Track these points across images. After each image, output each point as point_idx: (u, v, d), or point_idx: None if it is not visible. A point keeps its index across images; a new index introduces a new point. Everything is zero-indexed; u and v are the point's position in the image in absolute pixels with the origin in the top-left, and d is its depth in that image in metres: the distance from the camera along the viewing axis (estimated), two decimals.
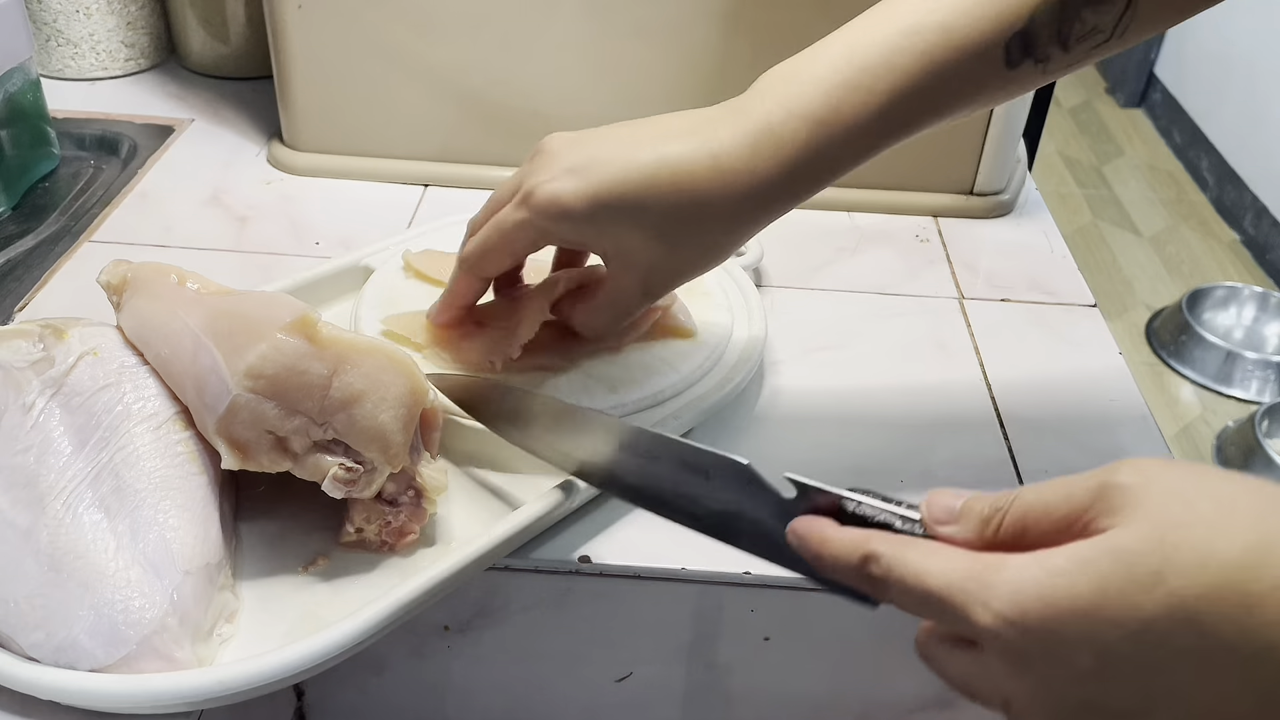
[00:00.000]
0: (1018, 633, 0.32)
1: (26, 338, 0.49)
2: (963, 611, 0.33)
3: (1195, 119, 2.76)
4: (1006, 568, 0.32)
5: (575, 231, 0.49)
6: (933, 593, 0.34)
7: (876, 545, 0.36)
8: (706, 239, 0.50)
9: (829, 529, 0.38)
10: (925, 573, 0.34)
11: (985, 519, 0.35)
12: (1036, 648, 0.32)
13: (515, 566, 0.52)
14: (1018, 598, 0.32)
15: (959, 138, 0.79)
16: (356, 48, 0.77)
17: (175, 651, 0.42)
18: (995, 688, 0.34)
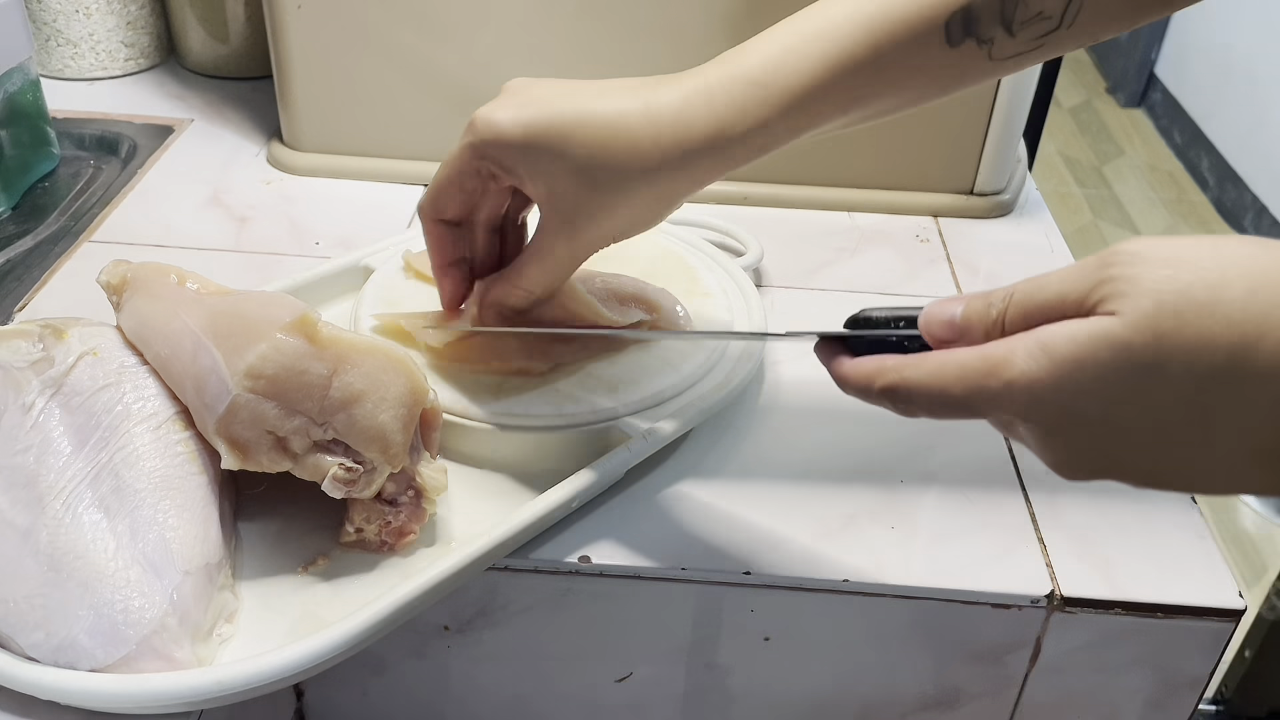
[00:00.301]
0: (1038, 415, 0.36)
1: (26, 338, 0.49)
2: (989, 403, 0.37)
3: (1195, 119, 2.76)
4: (1013, 362, 0.36)
5: (508, 158, 0.49)
6: (956, 399, 0.37)
7: (890, 376, 0.39)
8: (631, 187, 0.49)
9: (845, 365, 0.42)
10: (945, 386, 0.38)
11: (986, 325, 0.38)
12: (1058, 426, 0.36)
13: (515, 566, 0.52)
14: (1032, 389, 0.35)
15: (959, 138, 0.79)
16: (356, 48, 0.77)
17: (175, 651, 0.42)
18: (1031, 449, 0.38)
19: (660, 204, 0.50)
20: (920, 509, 0.56)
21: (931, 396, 0.38)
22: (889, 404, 0.40)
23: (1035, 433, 0.37)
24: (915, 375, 0.39)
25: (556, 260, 0.52)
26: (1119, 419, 0.35)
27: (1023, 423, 0.37)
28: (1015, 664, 0.54)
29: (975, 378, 0.37)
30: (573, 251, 0.51)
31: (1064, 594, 0.52)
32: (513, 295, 0.53)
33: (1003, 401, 0.36)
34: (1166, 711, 0.56)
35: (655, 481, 0.56)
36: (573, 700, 0.58)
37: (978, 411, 0.38)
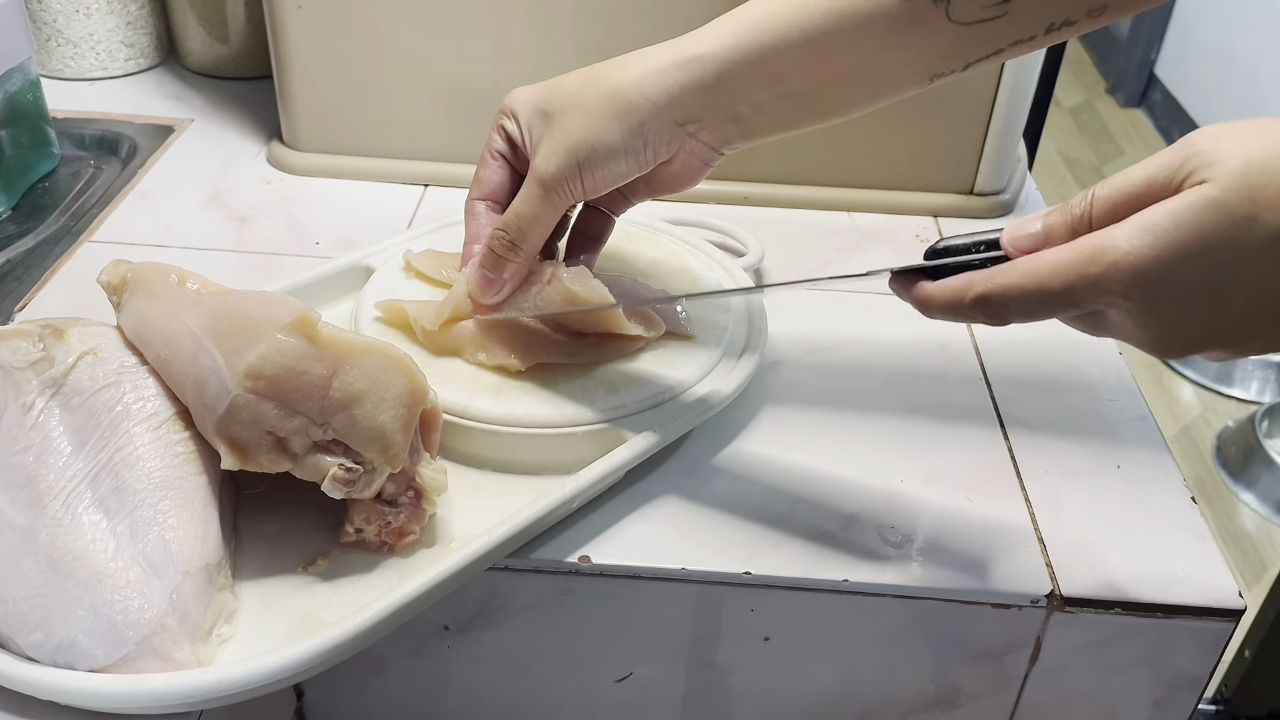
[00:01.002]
0: (1143, 290, 0.37)
1: (26, 337, 0.49)
2: (1092, 290, 0.38)
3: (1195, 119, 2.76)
4: (1117, 243, 0.37)
5: (519, 107, 0.54)
6: (1056, 292, 0.39)
7: (982, 286, 0.41)
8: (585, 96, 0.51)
9: (928, 288, 0.43)
10: (1043, 280, 0.39)
11: (1072, 224, 0.40)
12: (1159, 296, 0.38)
13: (515, 566, 0.52)
14: (1137, 264, 0.37)
15: (959, 138, 0.79)
16: (356, 48, 0.77)
17: (174, 652, 0.42)
18: (1127, 335, 0.40)
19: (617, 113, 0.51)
20: (920, 509, 0.56)
21: (1028, 295, 0.40)
22: (982, 315, 0.41)
23: (1136, 311, 0.38)
24: (1008, 279, 0.40)
25: (528, 194, 0.53)
26: (1221, 281, 0.37)
27: (1124, 303, 0.38)
28: (1015, 664, 0.54)
29: (1075, 267, 0.38)
30: (543, 179, 0.52)
31: (1064, 594, 0.52)
32: (494, 238, 0.55)
33: (1107, 284, 0.38)
34: (1166, 711, 0.56)
35: (655, 481, 0.56)
36: (573, 700, 0.58)
37: (1078, 301, 0.39)
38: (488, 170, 0.57)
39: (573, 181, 0.52)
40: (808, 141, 0.80)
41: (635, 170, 0.52)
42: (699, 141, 0.51)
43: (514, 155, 0.56)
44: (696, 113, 0.50)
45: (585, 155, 0.51)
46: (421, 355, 0.57)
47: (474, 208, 0.57)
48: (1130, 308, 0.38)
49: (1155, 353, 0.40)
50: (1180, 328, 0.39)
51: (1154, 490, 0.58)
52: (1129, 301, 0.38)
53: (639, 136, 0.50)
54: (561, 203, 0.53)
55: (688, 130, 0.51)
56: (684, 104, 0.50)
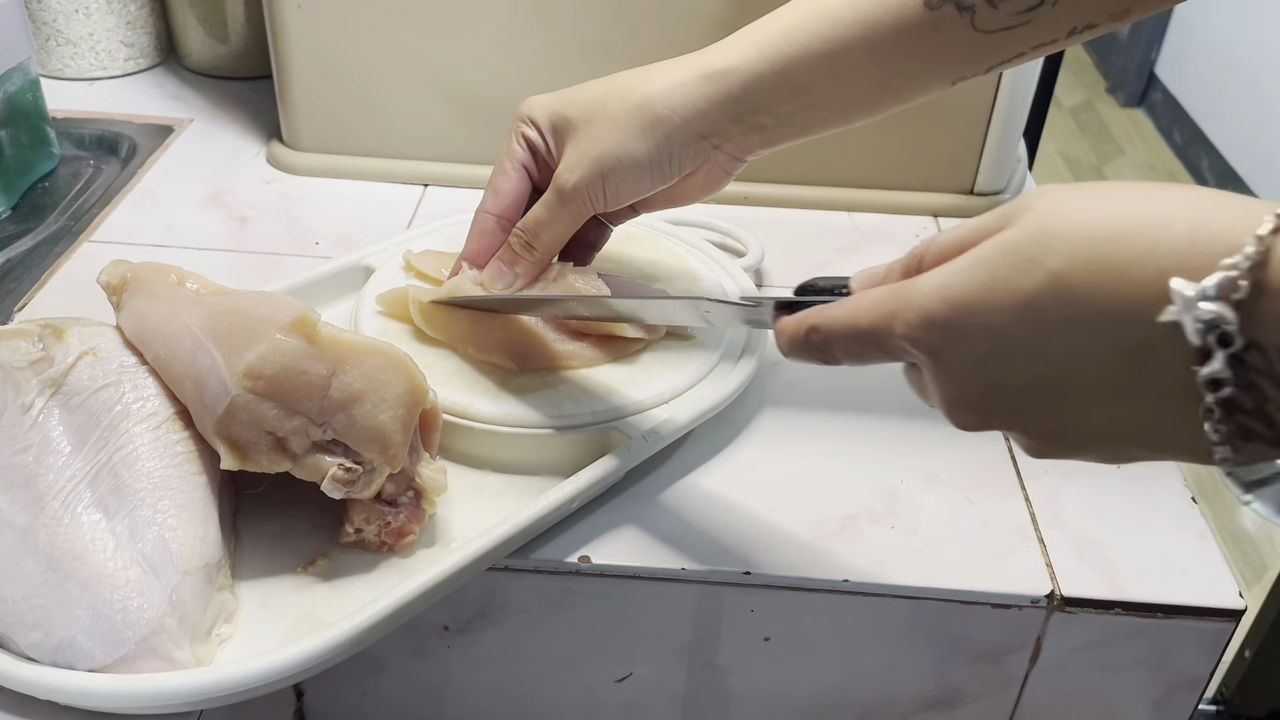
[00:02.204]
0: (927, 334, 0.35)
1: (26, 337, 0.49)
2: (887, 332, 0.36)
3: (1196, 119, 2.76)
4: (917, 283, 0.36)
5: (538, 114, 0.54)
6: (863, 330, 0.37)
7: (814, 318, 0.40)
8: (610, 105, 0.51)
9: (780, 321, 0.42)
10: (854, 316, 0.38)
11: (906, 266, 0.38)
12: (942, 344, 0.35)
13: (515, 566, 0.52)
14: (925, 304, 0.35)
15: (959, 138, 0.79)
16: (356, 48, 0.77)
17: (174, 651, 0.42)
18: (930, 395, 0.38)
19: (644, 126, 0.51)
20: (920, 509, 0.56)
21: (845, 332, 0.38)
22: (814, 350, 0.40)
23: (928, 363, 0.36)
24: (833, 313, 0.39)
25: (549, 202, 0.53)
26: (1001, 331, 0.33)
27: (917, 352, 0.36)
28: (1015, 664, 0.54)
29: (878, 305, 0.37)
30: (564, 189, 0.52)
31: (1064, 594, 0.52)
32: (513, 235, 0.55)
33: (898, 325, 0.36)
34: (1166, 711, 0.56)
35: (655, 482, 0.56)
36: (573, 700, 0.58)
37: (882, 341, 0.37)
38: (506, 181, 0.56)
39: (594, 193, 0.52)
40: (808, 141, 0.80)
41: (659, 183, 0.52)
42: (722, 153, 0.52)
43: (535, 163, 0.56)
44: (722, 126, 0.50)
45: (610, 167, 0.51)
46: (422, 354, 0.57)
47: (484, 222, 0.57)
48: (921, 358, 0.36)
49: (951, 418, 0.37)
50: (968, 385, 0.35)
51: (1154, 490, 0.58)
52: (917, 349, 0.36)
53: (665, 150, 0.51)
54: (581, 213, 0.53)
55: (712, 143, 0.51)
56: (709, 117, 0.50)
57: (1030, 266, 0.32)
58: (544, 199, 0.54)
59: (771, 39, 0.49)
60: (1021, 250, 0.33)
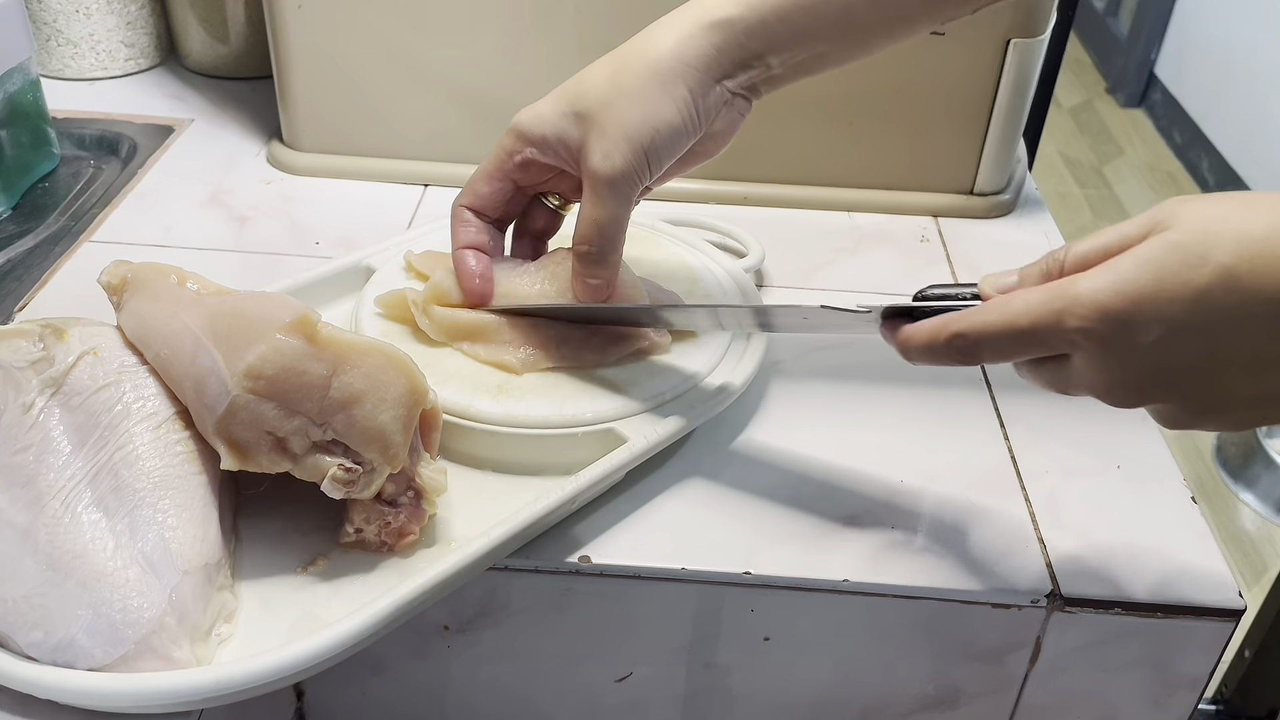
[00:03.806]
0: (1102, 324, 0.38)
1: (26, 337, 0.49)
2: (1055, 326, 0.39)
3: (1195, 119, 2.76)
4: (1081, 281, 0.39)
5: (545, 126, 0.53)
6: (1023, 329, 0.40)
7: (957, 324, 0.42)
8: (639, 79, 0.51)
9: (908, 328, 0.44)
10: (1012, 317, 0.40)
11: (1045, 271, 0.42)
12: (1118, 333, 0.39)
13: (515, 566, 0.52)
14: (1097, 298, 0.38)
15: (959, 138, 0.79)
16: (356, 48, 0.77)
17: (173, 651, 0.42)
18: (1084, 382, 0.41)
19: (665, 87, 0.51)
20: (920, 509, 0.56)
21: (999, 332, 0.41)
22: (956, 354, 0.42)
23: (1096, 352, 0.39)
24: (982, 317, 0.41)
25: (599, 198, 0.52)
26: (1174, 320, 0.38)
27: (1085, 342, 0.39)
28: (1015, 664, 0.54)
29: (1041, 304, 0.40)
30: (611, 179, 0.52)
31: (1064, 594, 0.52)
32: (578, 254, 0.54)
33: (1069, 319, 0.39)
34: (1166, 711, 0.56)
35: (655, 482, 0.56)
36: (573, 700, 0.58)
37: (1044, 338, 0.40)
38: (488, 187, 0.56)
39: (640, 171, 0.52)
40: (808, 141, 0.80)
41: (692, 138, 0.53)
42: (736, 96, 0.53)
43: (526, 176, 0.56)
44: (732, 70, 0.51)
45: (649, 140, 0.51)
46: (422, 354, 0.57)
47: (462, 214, 0.57)
48: (1090, 348, 0.39)
49: (1111, 399, 0.41)
50: (1136, 368, 0.39)
51: (1154, 490, 0.58)
52: (1089, 340, 0.39)
53: (690, 104, 0.51)
54: (632, 194, 0.53)
55: (727, 87, 0.52)
56: (720, 64, 0.51)
57: (1199, 262, 0.37)
58: (591, 197, 0.52)
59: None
60: (1189, 248, 0.37)
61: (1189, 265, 0.37)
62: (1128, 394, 0.41)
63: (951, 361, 0.43)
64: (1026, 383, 0.44)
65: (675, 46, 0.51)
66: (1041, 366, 0.42)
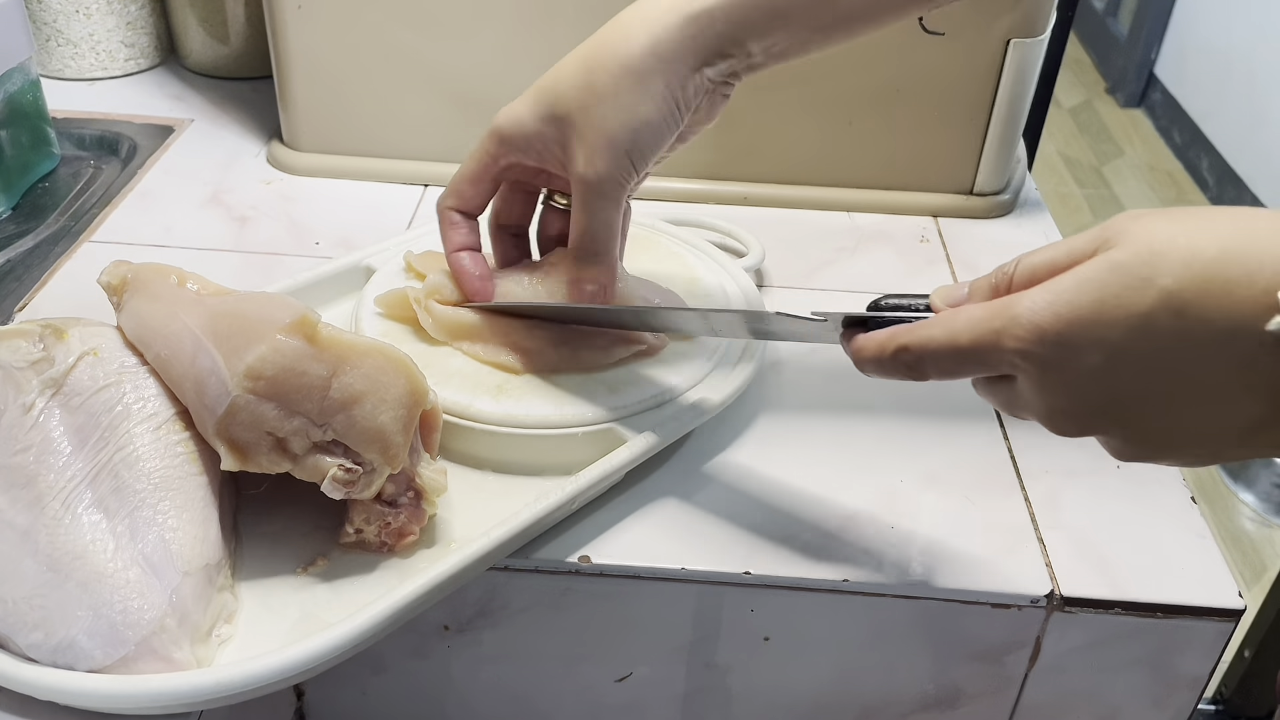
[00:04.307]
0: (1039, 347, 0.36)
1: (26, 337, 0.49)
2: (994, 347, 0.38)
3: (1195, 119, 2.76)
4: (1021, 300, 0.37)
5: (525, 130, 0.53)
6: (964, 347, 0.39)
7: (903, 337, 0.41)
8: (621, 75, 0.50)
9: (860, 338, 0.43)
10: (954, 335, 0.39)
11: (994, 285, 0.40)
12: (1055, 357, 0.36)
13: (515, 566, 0.52)
14: (1036, 319, 0.36)
15: (959, 138, 0.79)
16: (356, 48, 0.77)
17: (174, 652, 0.42)
18: (1028, 406, 0.39)
19: (642, 86, 0.50)
20: (920, 509, 0.56)
21: (941, 349, 0.39)
22: (903, 368, 0.41)
23: (1035, 374, 0.37)
24: (927, 332, 0.40)
25: (587, 204, 0.52)
26: (1113, 344, 0.35)
27: (1023, 364, 0.37)
28: (1015, 664, 0.54)
29: (980, 322, 0.38)
30: (596, 183, 0.51)
31: (1064, 594, 0.52)
32: (573, 254, 0.54)
33: (1007, 339, 0.37)
34: (1166, 711, 0.56)
35: (655, 482, 0.56)
36: (573, 700, 0.58)
37: (984, 357, 0.38)
38: (473, 189, 0.56)
39: (625, 174, 0.52)
40: (808, 141, 0.80)
41: (674, 132, 0.52)
42: (715, 82, 0.52)
43: (514, 175, 0.56)
44: (710, 59, 0.50)
45: (630, 142, 0.51)
46: (422, 355, 0.57)
47: (450, 216, 0.57)
48: (1030, 370, 0.37)
49: (1053, 426, 0.39)
50: (1075, 395, 0.37)
51: (1154, 490, 0.58)
52: (1028, 362, 0.37)
53: (669, 100, 0.50)
54: (620, 195, 0.52)
55: (705, 75, 0.51)
56: (698, 54, 0.50)
57: (1142, 285, 0.35)
58: (580, 203, 0.52)
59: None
60: (1131, 269, 0.35)
61: (1130, 288, 0.35)
62: (1069, 422, 0.38)
63: (900, 375, 0.42)
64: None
65: (650, 43, 0.50)
66: (993, 386, 0.41)
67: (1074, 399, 0.37)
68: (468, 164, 0.56)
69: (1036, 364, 0.37)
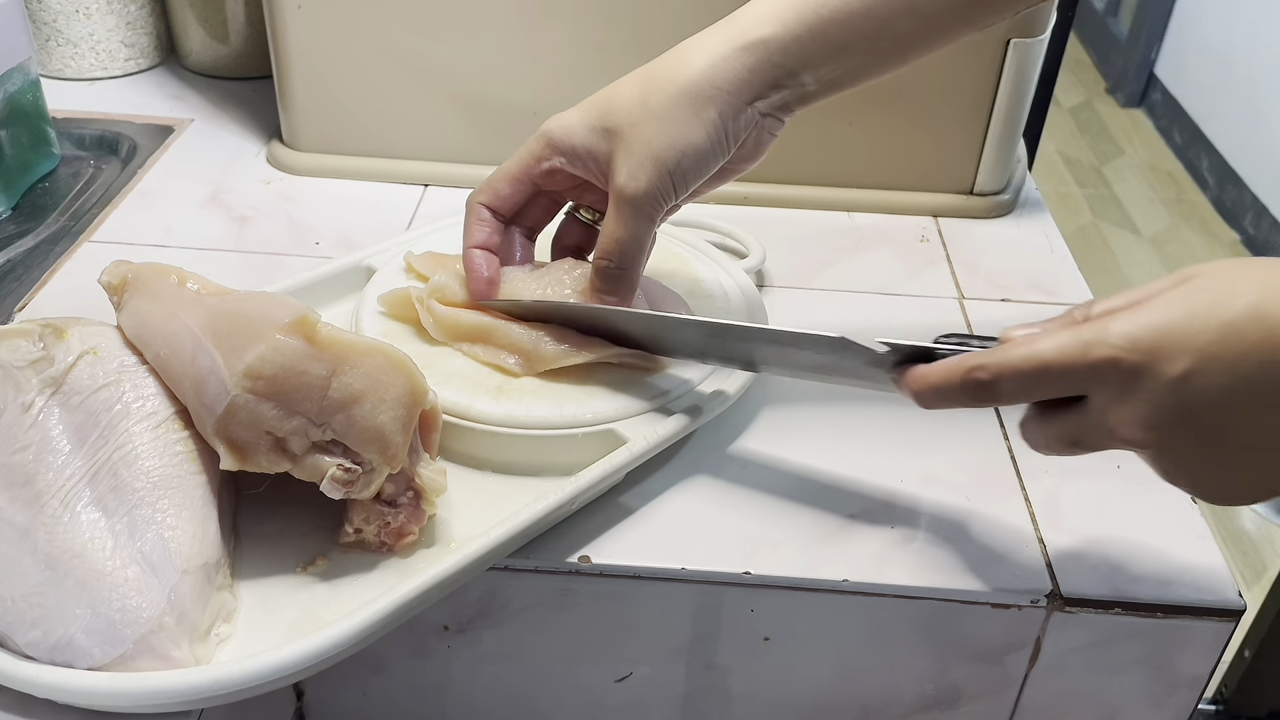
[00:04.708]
0: (1130, 354, 0.39)
1: (26, 337, 0.49)
2: (1081, 358, 0.39)
3: (1195, 119, 2.76)
4: (1111, 319, 0.39)
5: (573, 138, 0.53)
6: (1050, 361, 0.40)
7: (974, 360, 0.42)
8: (677, 106, 0.51)
9: (921, 368, 0.44)
10: (1038, 351, 0.40)
11: (1070, 318, 0.41)
12: (1144, 363, 0.39)
13: (515, 566, 0.52)
14: (1126, 329, 0.39)
15: (959, 138, 0.79)
16: (356, 48, 0.77)
17: (172, 650, 0.42)
18: (1098, 426, 0.41)
19: (695, 110, 0.51)
20: (920, 509, 0.56)
21: (1023, 365, 0.40)
22: (973, 389, 0.42)
23: (1117, 385, 0.39)
24: (1005, 357, 0.41)
25: (623, 217, 0.52)
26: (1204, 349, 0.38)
27: (1110, 373, 0.39)
28: (1015, 664, 0.54)
29: (1068, 338, 0.39)
30: (635, 199, 0.52)
31: (1064, 594, 0.52)
32: (599, 269, 0.54)
33: (1095, 350, 0.39)
34: (1166, 711, 0.56)
35: (655, 482, 0.56)
36: (573, 700, 0.58)
37: (1068, 372, 0.40)
38: (510, 188, 0.56)
39: (665, 193, 0.52)
40: (808, 141, 0.80)
41: (720, 161, 0.52)
42: (767, 117, 0.52)
43: (551, 182, 0.56)
44: (765, 91, 0.51)
45: (674, 163, 0.51)
46: (422, 355, 0.57)
47: (479, 211, 0.57)
48: (1115, 379, 0.39)
49: (1127, 434, 0.40)
50: (1159, 404, 0.39)
51: (1154, 490, 0.58)
52: (1116, 371, 0.39)
53: (720, 129, 0.51)
54: (656, 214, 0.53)
55: (758, 109, 0.51)
56: (753, 86, 0.51)
57: (1228, 299, 0.38)
58: (616, 214, 0.52)
59: (806, 2, 0.50)
60: (1215, 288, 0.39)
61: (1216, 301, 0.38)
62: (1147, 432, 0.40)
63: (966, 400, 0.42)
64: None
65: (707, 69, 0.50)
66: (1057, 414, 0.42)
67: (1156, 407, 0.39)
68: (509, 162, 0.56)
69: (1125, 371, 0.39)
